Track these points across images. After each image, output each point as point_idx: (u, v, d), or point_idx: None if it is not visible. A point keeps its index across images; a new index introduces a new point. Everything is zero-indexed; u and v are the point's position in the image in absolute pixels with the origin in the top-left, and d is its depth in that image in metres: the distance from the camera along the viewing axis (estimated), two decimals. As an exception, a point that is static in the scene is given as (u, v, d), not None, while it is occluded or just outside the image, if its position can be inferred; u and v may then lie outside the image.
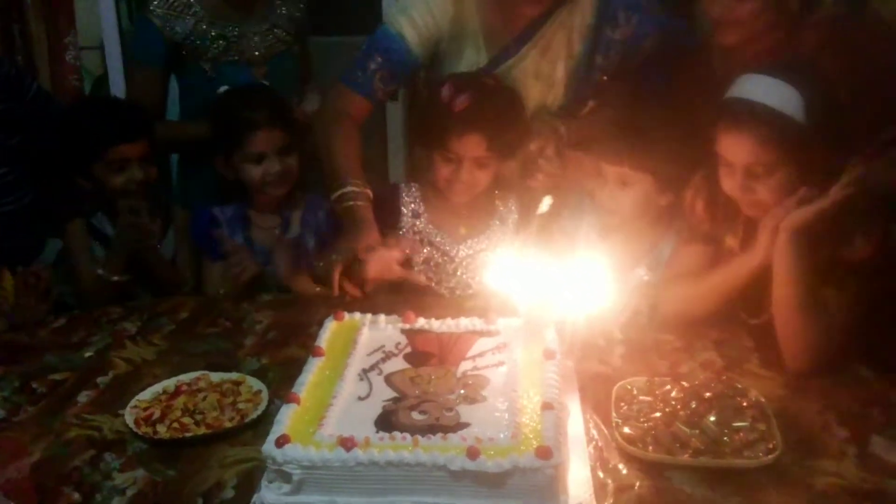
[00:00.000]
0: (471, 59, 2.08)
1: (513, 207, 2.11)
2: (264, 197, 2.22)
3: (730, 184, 1.69)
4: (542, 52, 2.07)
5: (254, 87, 2.35)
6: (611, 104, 2.06)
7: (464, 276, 2.10)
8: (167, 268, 2.26)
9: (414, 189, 2.14)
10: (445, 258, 2.10)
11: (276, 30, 2.46)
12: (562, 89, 2.11)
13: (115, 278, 2.13)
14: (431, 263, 2.10)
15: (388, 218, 2.06)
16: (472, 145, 1.95)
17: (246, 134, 2.14)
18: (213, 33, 2.37)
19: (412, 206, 2.12)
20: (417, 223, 2.11)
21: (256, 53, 2.43)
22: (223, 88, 2.29)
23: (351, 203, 1.94)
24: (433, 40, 2.06)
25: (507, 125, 1.97)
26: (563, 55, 2.08)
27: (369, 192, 1.98)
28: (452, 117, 1.92)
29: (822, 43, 1.74)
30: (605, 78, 2.11)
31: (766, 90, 1.62)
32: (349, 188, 1.95)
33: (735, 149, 1.66)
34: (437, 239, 2.10)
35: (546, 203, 1.70)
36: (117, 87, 3.21)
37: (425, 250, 2.08)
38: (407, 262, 1.95)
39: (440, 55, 2.10)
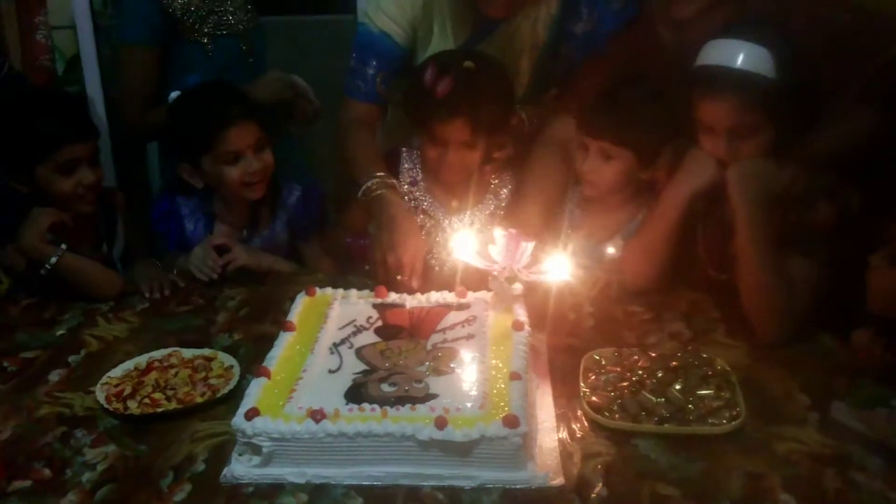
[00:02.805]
0: (438, 47, 2.07)
1: (507, 180, 2.10)
2: (241, 198, 2.06)
3: (711, 145, 1.71)
4: (508, 42, 2.07)
5: (214, 83, 2.14)
6: (573, 92, 2.06)
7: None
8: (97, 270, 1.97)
9: (415, 155, 2.11)
10: (437, 228, 2.08)
11: (248, 4, 2.43)
12: (526, 78, 2.11)
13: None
14: (423, 231, 2.04)
15: None
16: (457, 130, 1.91)
17: (218, 132, 1.97)
18: (204, 9, 2.31)
19: (411, 172, 2.10)
20: (414, 190, 2.08)
21: (241, 27, 2.39)
22: (174, 94, 2.11)
23: (379, 192, 1.93)
24: (412, 27, 2.07)
25: (493, 105, 1.93)
26: (527, 45, 2.08)
27: (395, 181, 1.99)
28: (436, 102, 1.88)
29: (772, 11, 1.75)
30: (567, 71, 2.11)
31: (736, 54, 1.64)
32: (372, 180, 1.95)
33: (715, 114, 1.68)
34: (431, 208, 2.08)
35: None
36: (90, 69, 3.12)
37: (419, 218, 2.05)
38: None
39: (416, 42, 2.09)
